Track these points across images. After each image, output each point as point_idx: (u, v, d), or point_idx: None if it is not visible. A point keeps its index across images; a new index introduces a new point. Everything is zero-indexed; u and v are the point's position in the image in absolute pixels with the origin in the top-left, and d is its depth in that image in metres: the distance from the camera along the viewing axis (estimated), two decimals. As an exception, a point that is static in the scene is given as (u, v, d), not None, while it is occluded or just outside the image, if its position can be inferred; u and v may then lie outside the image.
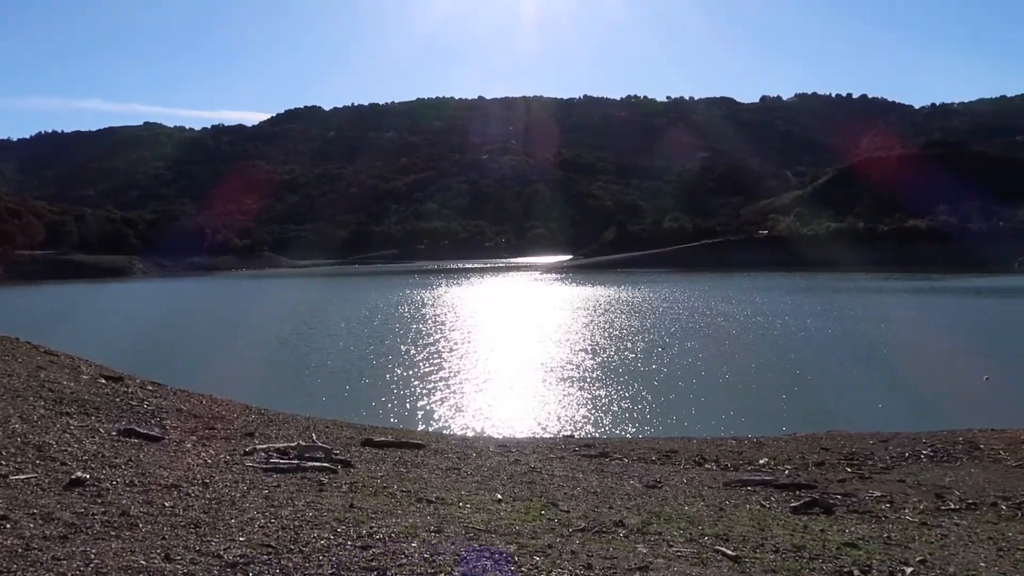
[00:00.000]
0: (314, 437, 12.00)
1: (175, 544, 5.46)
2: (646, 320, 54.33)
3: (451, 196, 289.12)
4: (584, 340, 43.40)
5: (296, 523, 6.20)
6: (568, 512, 7.68)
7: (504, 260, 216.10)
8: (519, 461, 12.33)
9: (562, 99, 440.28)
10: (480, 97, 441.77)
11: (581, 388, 29.51)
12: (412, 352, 39.35)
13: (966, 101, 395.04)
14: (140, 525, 5.87)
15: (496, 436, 19.88)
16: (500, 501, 8.09)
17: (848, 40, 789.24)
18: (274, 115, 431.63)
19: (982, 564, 6.76)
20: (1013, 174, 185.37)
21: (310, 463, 9.27)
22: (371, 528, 6.19)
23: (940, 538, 8.07)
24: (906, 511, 9.86)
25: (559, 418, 24.87)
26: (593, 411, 25.78)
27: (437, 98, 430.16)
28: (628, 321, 53.71)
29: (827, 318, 54.89)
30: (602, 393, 28.53)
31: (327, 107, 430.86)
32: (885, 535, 7.96)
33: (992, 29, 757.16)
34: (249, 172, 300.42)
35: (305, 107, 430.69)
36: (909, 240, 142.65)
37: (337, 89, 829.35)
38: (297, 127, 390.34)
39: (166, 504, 6.54)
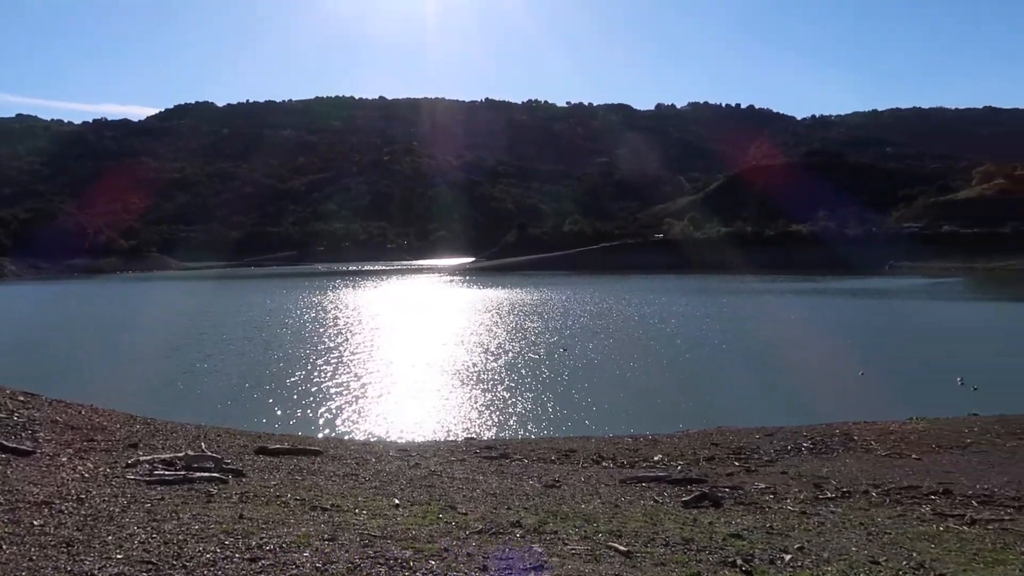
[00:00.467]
0: (204, 447, 11.53)
1: (43, 565, 5.12)
2: (548, 322, 55.02)
3: (352, 197, 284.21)
4: (487, 342, 43.54)
5: (180, 537, 5.93)
6: (466, 514, 7.68)
7: (406, 262, 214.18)
8: (419, 465, 12.25)
9: (465, 102, 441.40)
10: (381, 97, 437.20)
11: (484, 390, 29.58)
12: (312, 357, 38.41)
13: (843, 114, 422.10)
14: (3, 547, 5.47)
15: (397, 440, 19.68)
16: (398, 506, 8.01)
17: (738, 53, 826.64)
18: (163, 110, 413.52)
19: (853, 548, 7.19)
20: (884, 183, 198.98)
21: (198, 474, 8.91)
22: (261, 539, 5.99)
23: (817, 526, 8.54)
24: (788, 501, 10.38)
25: (462, 421, 24.83)
26: (496, 413, 25.88)
27: (337, 97, 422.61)
28: (530, 323, 54.26)
29: (718, 319, 57.14)
30: (505, 395, 28.69)
31: (220, 103, 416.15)
32: (768, 525, 8.35)
33: (867, 50, 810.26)
34: (135, 169, 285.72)
35: (196, 102, 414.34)
36: (792, 244, 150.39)
37: (231, 85, 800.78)
38: (188, 123, 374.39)
39: (35, 523, 6.12)
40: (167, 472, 8.94)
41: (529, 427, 23.59)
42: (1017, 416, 18.48)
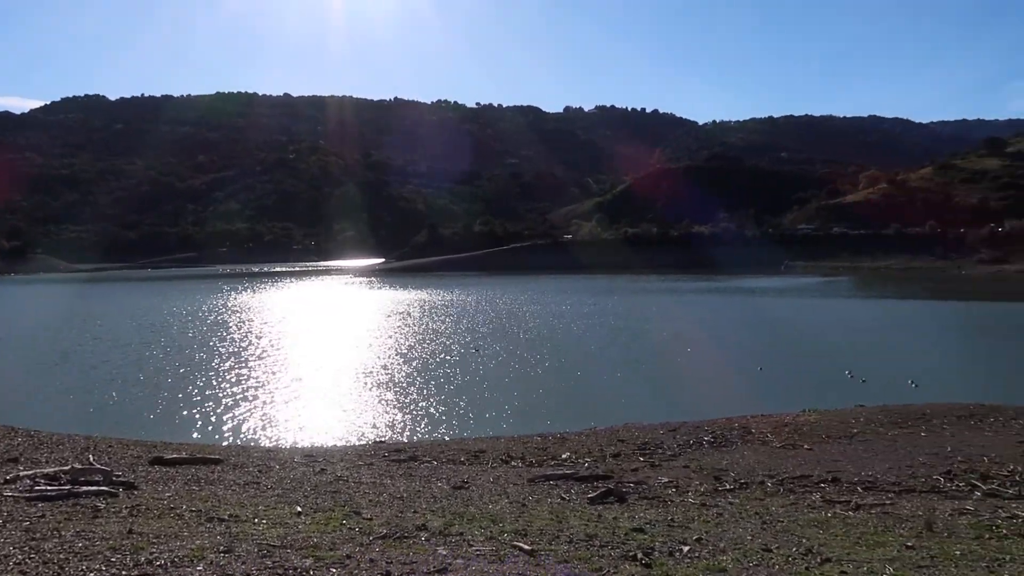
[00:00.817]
0: (92, 459, 10.94)
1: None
2: (460, 323, 54.92)
3: (256, 196, 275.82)
4: (398, 344, 43.08)
5: (61, 556, 5.59)
6: (371, 519, 7.56)
7: (314, 263, 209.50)
8: (325, 471, 12.01)
9: (373, 100, 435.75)
10: (286, 94, 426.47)
11: (395, 393, 29.23)
12: (215, 362, 37.02)
13: (741, 120, 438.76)
14: None
15: (303, 446, 19.20)
16: (300, 514, 7.81)
17: (644, 59, 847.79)
18: (48, 103, 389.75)
19: (748, 537, 7.48)
20: (779, 186, 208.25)
21: (85, 488, 8.43)
22: (151, 554, 5.71)
23: (716, 517, 8.84)
24: (689, 494, 10.71)
25: (371, 424, 24.45)
26: (406, 415, 25.62)
27: (239, 92, 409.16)
28: (442, 324, 54.03)
29: (625, 318, 58.46)
30: (416, 397, 28.44)
31: (112, 96, 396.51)
32: (669, 518, 8.58)
33: (764, 60, 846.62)
34: (17, 165, 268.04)
35: (86, 95, 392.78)
36: (694, 245, 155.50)
37: (123, 77, 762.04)
38: (77, 116, 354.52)
39: None
40: (50, 487, 8.43)
41: (440, 429, 23.47)
42: (898, 406, 19.68)
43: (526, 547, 6.39)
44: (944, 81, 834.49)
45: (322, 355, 39.60)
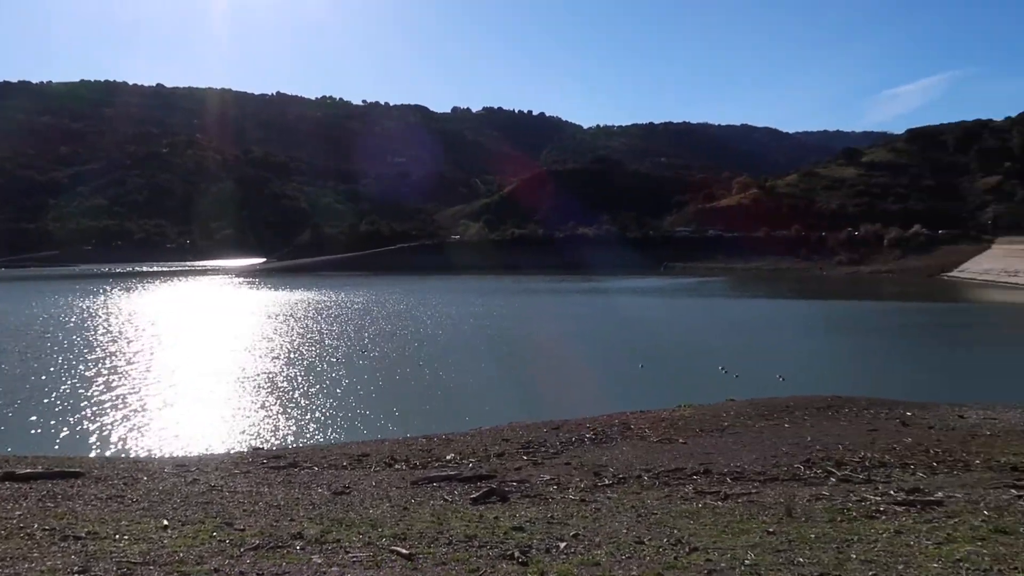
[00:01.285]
0: (-71, 477, 10.02)
1: None
2: (345, 325, 53.87)
3: (125, 191, 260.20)
4: (281, 347, 41.79)
5: None
6: (243, 530, 7.30)
7: (190, 263, 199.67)
8: (198, 480, 11.50)
9: (254, 94, 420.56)
10: (160, 85, 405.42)
11: (276, 397, 28.33)
12: (80, 368, 34.66)
13: (624, 125, 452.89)
14: None
15: (175, 456, 18.31)
16: (166, 527, 7.43)
17: (528, 62, 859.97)
18: None
19: (623, 531, 7.73)
20: (659, 190, 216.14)
21: (-80, 509, 7.71)
22: (-4, 579, 5.31)
23: (594, 512, 9.08)
24: (570, 491, 10.94)
25: (250, 431, 23.61)
26: (287, 420, 24.89)
27: (106, 81, 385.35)
28: (327, 326, 52.81)
29: (513, 318, 59.12)
30: (298, 401, 27.68)
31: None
32: (549, 515, 8.74)
33: (644, 66, 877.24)
34: None
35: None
36: (578, 247, 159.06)
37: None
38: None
39: None
40: None
41: (322, 433, 22.96)
42: (764, 400, 20.86)
43: (404, 551, 6.34)
44: (809, 95, 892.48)
45: (199, 359, 37.88)
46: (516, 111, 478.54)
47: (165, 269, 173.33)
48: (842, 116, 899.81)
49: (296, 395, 28.73)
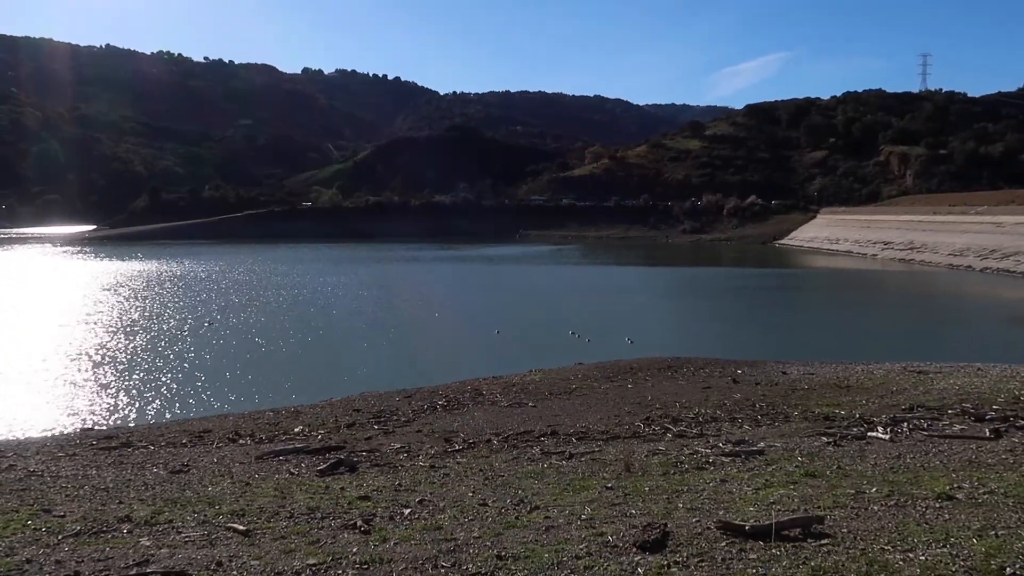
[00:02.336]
0: None
1: None
2: (188, 296, 50.94)
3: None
4: (116, 321, 38.89)
5: None
6: (63, 516, 6.80)
7: (7, 230, 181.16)
8: (15, 467, 10.62)
9: (81, 46, 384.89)
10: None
11: (111, 375, 26.40)
12: None
13: (480, 92, 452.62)
14: None
15: (-10, 441, 16.70)
16: (-29, 519, 6.79)
17: (386, 25, 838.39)
18: None
19: (469, 494, 7.86)
20: (515, 159, 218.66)
21: None
22: None
23: (442, 477, 9.17)
24: (420, 458, 10.99)
25: (80, 410, 21.89)
26: (121, 398, 23.30)
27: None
28: (167, 299, 49.71)
29: (368, 287, 58.16)
30: (135, 378, 25.93)
31: None
32: (397, 483, 8.74)
33: (502, 32, 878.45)
34: None
35: None
36: (436, 214, 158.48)
37: None
38: None
39: None
40: None
41: (160, 410, 21.70)
42: (611, 362, 21.80)
43: (241, 528, 6.13)
44: (659, 69, 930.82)
45: (23, 336, 34.62)
46: (371, 75, 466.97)
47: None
48: (688, 90, 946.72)
49: (133, 372, 26.95)
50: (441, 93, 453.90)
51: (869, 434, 11.20)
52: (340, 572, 5.25)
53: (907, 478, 7.92)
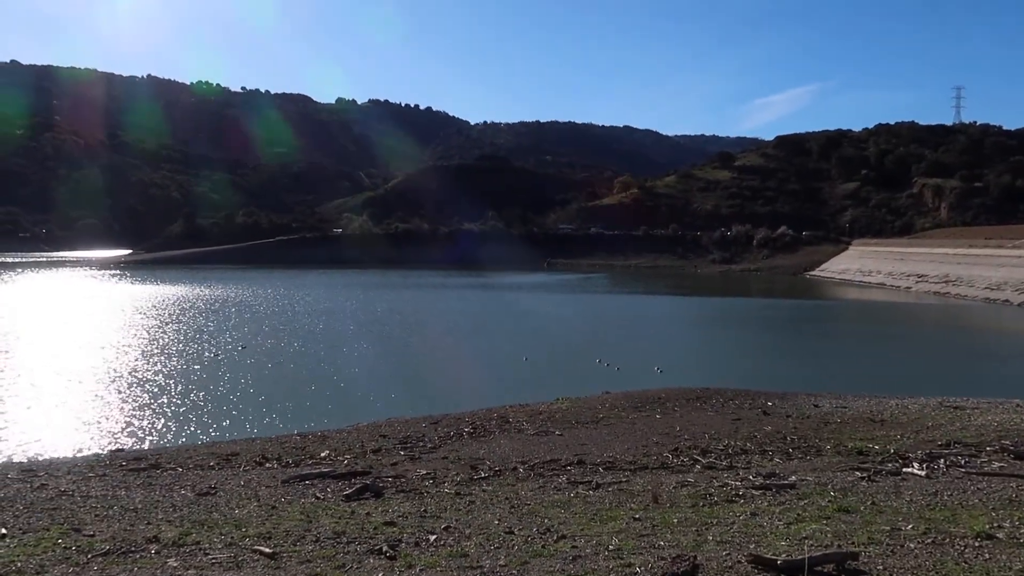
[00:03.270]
0: None
1: None
2: (221, 320, 51.59)
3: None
4: (150, 343, 39.47)
5: None
6: (93, 536, 6.85)
7: (46, 254, 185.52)
8: (46, 486, 10.73)
9: (121, 76, 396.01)
10: (14, 62, 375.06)
11: (142, 397, 26.72)
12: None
13: (511, 122, 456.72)
14: None
15: (21, 459, 16.96)
16: (3, 536, 6.88)
17: (417, 56, 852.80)
18: None
19: (495, 522, 7.79)
20: (543, 188, 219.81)
21: None
22: None
23: (468, 505, 9.10)
24: (446, 484, 10.93)
25: (111, 432, 22.15)
26: (152, 420, 23.54)
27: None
28: (202, 321, 50.39)
29: (399, 312, 58.43)
30: (166, 400, 26.22)
31: None
32: (423, 509, 8.70)
33: (532, 64, 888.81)
34: None
35: None
36: (463, 242, 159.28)
37: None
38: None
39: None
40: None
41: (189, 432, 21.88)
42: (638, 392, 21.60)
43: (267, 550, 6.13)
44: (688, 100, 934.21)
45: (57, 357, 35.25)
46: (403, 104, 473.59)
47: (19, 260, 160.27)
48: (718, 121, 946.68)
49: (164, 394, 27.27)
50: (471, 123, 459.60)
51: (904, 470, 10.94)
52: (365, 598, 5.22)
53: (944, 516, 7.70)
